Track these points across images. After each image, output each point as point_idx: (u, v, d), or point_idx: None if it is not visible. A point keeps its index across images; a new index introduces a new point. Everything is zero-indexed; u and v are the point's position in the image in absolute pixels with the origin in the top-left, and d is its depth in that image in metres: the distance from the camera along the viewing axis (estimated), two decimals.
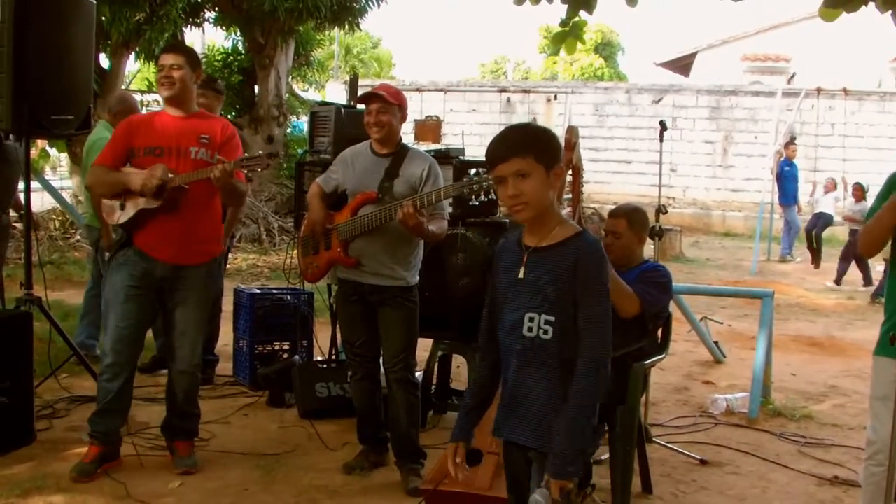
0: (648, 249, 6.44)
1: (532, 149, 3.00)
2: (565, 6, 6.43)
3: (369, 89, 5.32)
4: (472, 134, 24.07)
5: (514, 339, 3.09)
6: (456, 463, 3.18)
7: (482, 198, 4.89)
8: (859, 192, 15.90)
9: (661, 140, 7.70)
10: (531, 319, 3.04)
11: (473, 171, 4.90)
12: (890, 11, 5.36)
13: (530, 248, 3.09)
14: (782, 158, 18.23)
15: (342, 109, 6.68)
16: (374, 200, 5.15)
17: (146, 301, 5.32)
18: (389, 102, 5.19)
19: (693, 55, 32.69)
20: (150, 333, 6.07)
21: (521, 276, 3.09)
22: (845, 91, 23.36)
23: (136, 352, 5.46)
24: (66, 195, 13.22)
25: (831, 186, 17.47)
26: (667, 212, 7.95)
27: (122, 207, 5.26)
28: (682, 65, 34.00)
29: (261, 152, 5.17)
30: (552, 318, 3.01)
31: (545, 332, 3.02)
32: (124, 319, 5.24)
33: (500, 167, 3.02)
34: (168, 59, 5.30)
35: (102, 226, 6.88)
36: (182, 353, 5.40)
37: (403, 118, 5.32)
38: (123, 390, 5.31)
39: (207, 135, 5.32)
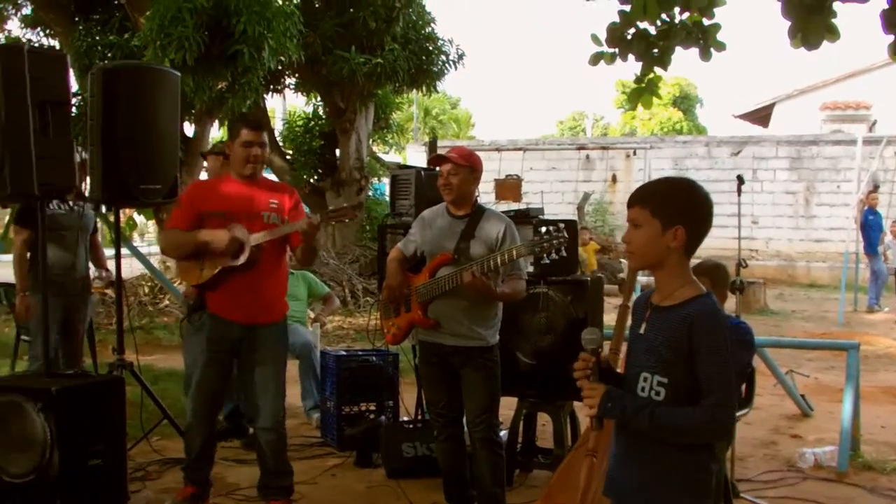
0: (730, 303, 6.41)
1: (650, 202, 2.99)
2: (640, 63, 6.50)
3: (443, 151, 5.44)
4: (552, 192, 24.19)
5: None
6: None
7: (553, 256, 4.88)
8: None
9: (739, 194, 7.74)
10: (645, 380, 2.96)
11: (544, 229, 4.90)
12: None
13: (654, 306, 3.05)
14: (866, 207, 17.98)
15: (422, 172, 6.75)
16: (451, 262, 5.20)
17: (225, 363, 5.64)
18: (459, 164, 5.25)
19: (771, 106, 32.46)
20: None
21: (641, 331, 3.06)
22: None
23: (216, 409, 5.85)
24: (154, 261, 13.51)
25: None
26: (747, 265, 7.92)
27: (202, 268, 5.48)
28: (761, 116, 33.78)
29: (346, 204, 5.37)
30: (665, 380, 2.93)
31: (657, 393, 2.94)
32: (206, 383, 5.61)
33: (628, 212, 3.06)
34: (250, 136, 5.53)
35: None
36: (265, 409, 5.57)
37: (476, 179, 5.37)
38: (206, 445, 5.67)
39: (277, 200, 5.58)
